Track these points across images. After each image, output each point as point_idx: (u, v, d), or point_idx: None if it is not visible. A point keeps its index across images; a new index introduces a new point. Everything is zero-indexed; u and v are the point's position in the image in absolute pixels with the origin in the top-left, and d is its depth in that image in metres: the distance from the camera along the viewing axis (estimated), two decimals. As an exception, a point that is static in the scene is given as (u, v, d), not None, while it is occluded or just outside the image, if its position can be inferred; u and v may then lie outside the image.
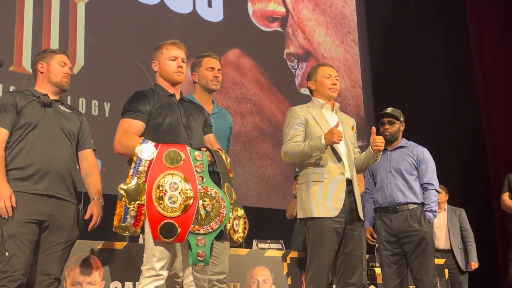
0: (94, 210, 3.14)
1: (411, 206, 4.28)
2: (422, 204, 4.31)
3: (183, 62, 3.20)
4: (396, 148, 4.47)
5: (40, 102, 3.11)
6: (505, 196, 5.13)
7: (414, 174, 4.37)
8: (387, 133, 4.44)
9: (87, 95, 5.26)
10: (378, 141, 3.59)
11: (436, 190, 4.35)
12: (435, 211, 4.30)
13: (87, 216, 3.11)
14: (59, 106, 3.21)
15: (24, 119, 3.04)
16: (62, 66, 3.24)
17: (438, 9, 8.08)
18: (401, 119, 4.48)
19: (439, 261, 5.12)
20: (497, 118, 7.58)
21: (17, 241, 2.85)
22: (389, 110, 4.48)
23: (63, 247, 3.02)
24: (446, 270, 5.21)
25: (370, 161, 3.68)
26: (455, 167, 7.39)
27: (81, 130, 3.25)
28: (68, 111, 3.24)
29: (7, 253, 2.82)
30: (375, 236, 4.45)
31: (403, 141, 4.50)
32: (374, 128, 3.66)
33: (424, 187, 4.35)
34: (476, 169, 7.49)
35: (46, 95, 3.17)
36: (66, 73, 3.24)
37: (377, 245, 4.59)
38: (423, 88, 7.60)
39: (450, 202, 6.23)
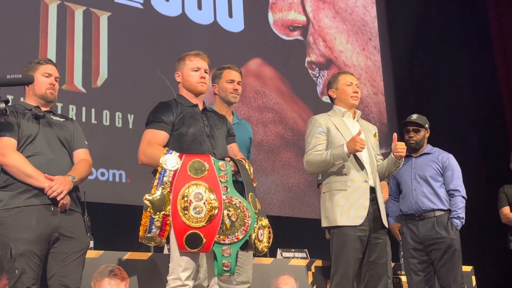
0: (58, 180, 2.93)
1: (437, 213, 4.24)
2: (449, 210, 4.26)
3: (206, 72, 3.22)
4: (421, 155, 4.43)
5: (33, 114, 3.06)
6: (507, 210, 4.98)
7: (440, 181, 4.33)
8: (412, 141, 4.40)
9: (110, 107, 5.31)
10: (400, 147, 3.56)
11: (463, 197, 4.30)
12: (462, 218, 4.25)
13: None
14: (51, 116, 3.15)
15: (22, 133, 3.00)
16: (46, 77, 3.12)
17: (461, 14, 8.01)
18: (426, 126, 4.42)
19: (467, 268, 5.05)
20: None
21: (26, 258, 2.84)
22: (414, 117, 4.41)
23: (77, 256, 2.99)
24: (473, 277, 5.14)
25: (392, 168, 3.65)
26: (479, 175, 7.28)
27: (74, 135, 3.17)
28: (61, 119, 3.18)
29: (17, 271, 2.82)
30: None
31: (428, 148, 4.45)
32: (395, 135, 3.63)
33: (450, 194, 4.31)
34: (502, 175, 7.38)
35: (38, 107, 3.11)
36: (51, 83, 3.13)
37: (402, 252, 4.55)
38: (446, 94, 7.51)
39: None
